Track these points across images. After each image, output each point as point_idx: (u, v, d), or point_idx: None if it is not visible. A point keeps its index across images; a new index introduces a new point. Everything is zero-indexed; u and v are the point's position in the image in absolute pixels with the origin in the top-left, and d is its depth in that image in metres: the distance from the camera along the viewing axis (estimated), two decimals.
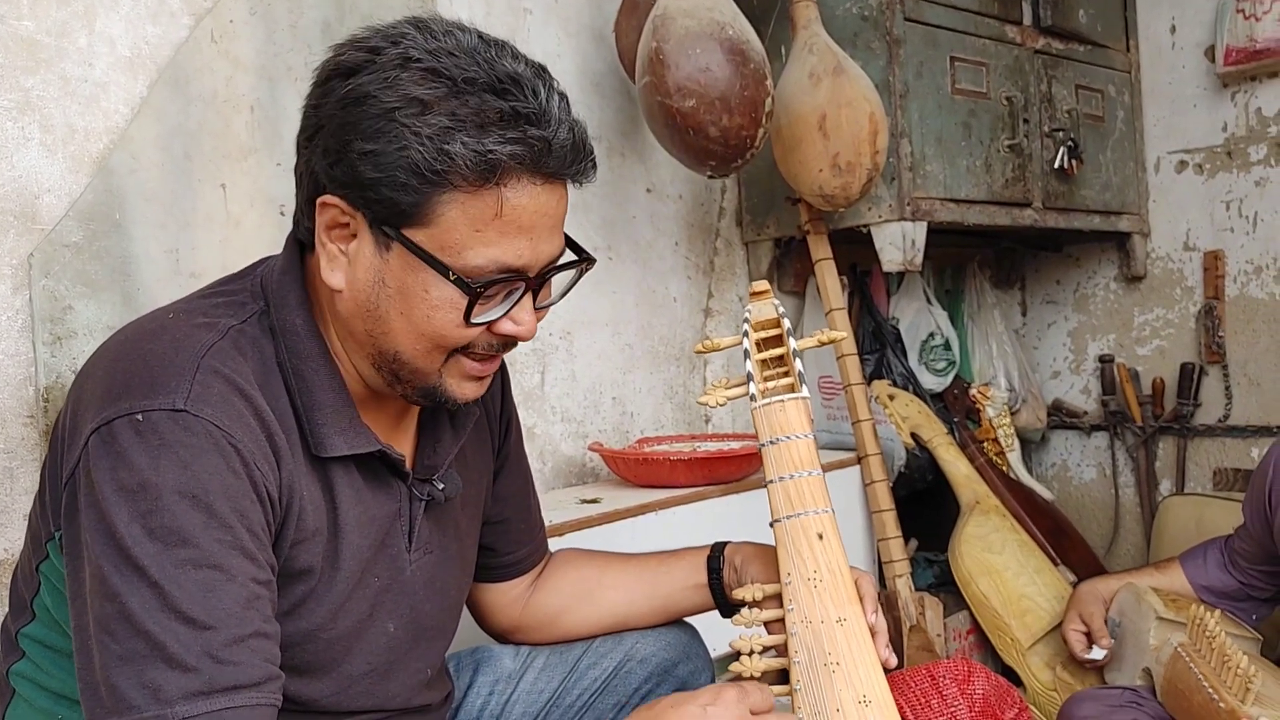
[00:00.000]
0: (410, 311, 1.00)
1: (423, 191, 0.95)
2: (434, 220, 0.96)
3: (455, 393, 1.07)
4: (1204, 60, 2.86)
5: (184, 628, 0.87)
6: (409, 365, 1.04)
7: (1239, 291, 2.84)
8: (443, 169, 0.94)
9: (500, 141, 0.94)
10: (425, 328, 1.01)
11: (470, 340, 1.03)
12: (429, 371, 1.04)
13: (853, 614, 1.11)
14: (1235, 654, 1.64)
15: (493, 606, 1.39)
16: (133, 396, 0.91)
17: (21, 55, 1.48)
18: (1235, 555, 2.03)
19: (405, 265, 0.99)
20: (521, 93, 0.96)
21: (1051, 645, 2.35)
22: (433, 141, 0.93)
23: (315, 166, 1.00)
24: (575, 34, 2.30)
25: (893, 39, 2.32)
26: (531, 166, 0.97)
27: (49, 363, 1.49)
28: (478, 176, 0.95)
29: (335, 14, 1.82)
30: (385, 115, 0.94)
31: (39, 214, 1.49)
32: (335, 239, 1.01)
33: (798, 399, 1.20)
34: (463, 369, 1.05)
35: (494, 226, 0.97)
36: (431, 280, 0.99)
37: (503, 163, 0.95)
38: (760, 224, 2.61)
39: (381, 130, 0.94)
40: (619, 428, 2.38)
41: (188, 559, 0.88)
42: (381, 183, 0.95)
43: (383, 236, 0.98)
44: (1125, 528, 3.12)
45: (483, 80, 0.95)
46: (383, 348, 1.03)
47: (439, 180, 0.94)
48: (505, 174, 0.96)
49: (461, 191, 0.95)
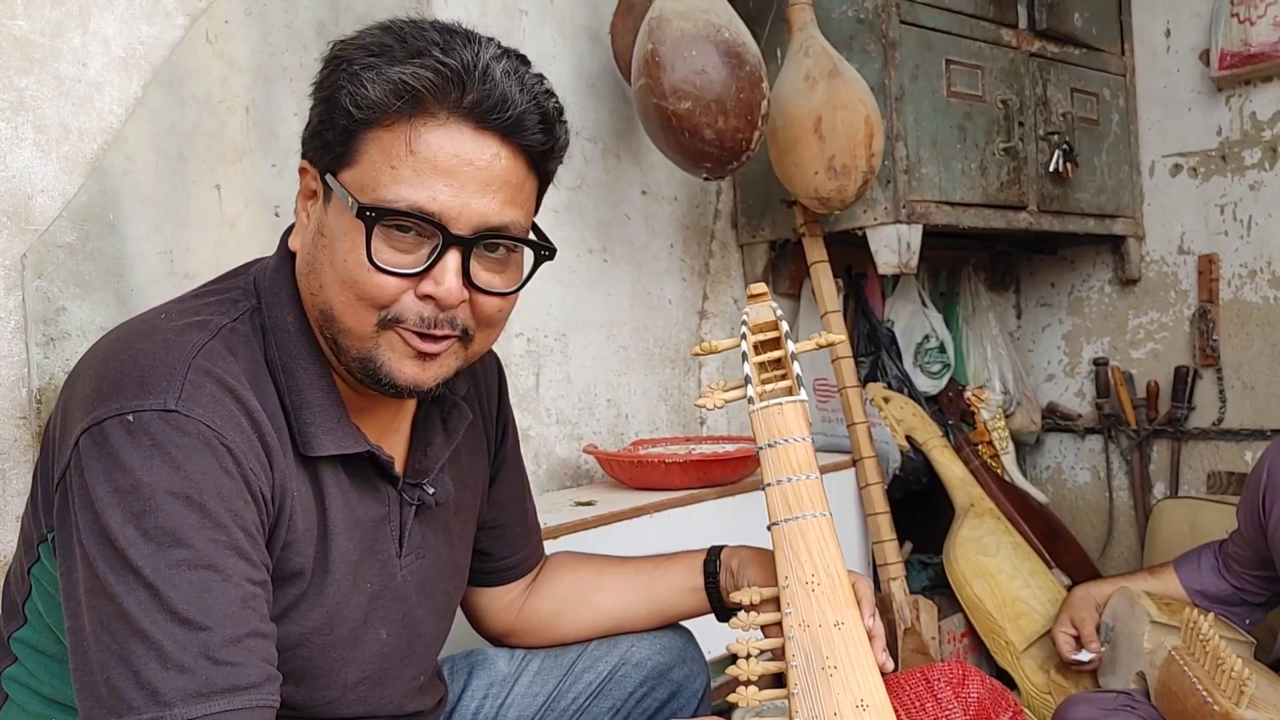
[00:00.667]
0: (334, 257, 0.99)
1: (350, 130, 0.97)
2: (359, 159, 0.97)
3: (396, 370, 1.01)
4: (1199, 64, 2.86)
5: (180, 629, 0.86)
6: (340, 324, 1.00)
7: (1233, 295, 2.85)
8: (363, 102, 0.95)
9: (413, 70, 0.95)
10: (343, 272, 0.98)
11: (389, 296, 0.98)
12: (361, 335, 1.00)
13: (850, 618, 1.10)
14: (1229, 657, 1.64)
15: (488, 610, 1.38)
16: (123, 397, 0.91)
17: (15, 55, 1.48)
18: (1229, 560, 2.03)
19: (337, 211, 0.99)
20: (455, 40, 0.97)
21: (1046, 648, 2.35)
22: (357, 79, 0.95)
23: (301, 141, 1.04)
24: (570, 35, 2.30)
25: (888, 42, 2.32)
26: (445, 101, 0.96)
27: (42, 364, 1.48)
28: (393, 108, 0.95)
29: (330, 15, 1.82)
30: (337, 65, 0.98)
31: (32, 214, 1.49)
32: (306, 207, 1.04)
33: (796, 402, 1.20)
34: (400, 341, 1.01)
35: (408, 164, 0.96)
36: (348, 220, 0.98)
37: (411, 89, 0.94)
38: (755, 226, 2.61)
39: (325, 81, 0.99)
40: (614, 430, 2.38)
41: (182, 559, 0.87)
42: (320, 127, 0.99)
43: (325, 187, 1.00)
44: (1119, 530, 3.12)
45: (429, 34, 0.97)
46: (321, 306, 1.02)
47: (361, 115, 0.96)
48: (420, 108, 0.96)
49: (381, 128, 0.96)
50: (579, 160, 2.29)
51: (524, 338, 2.19)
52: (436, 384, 1.05)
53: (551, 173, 1.10)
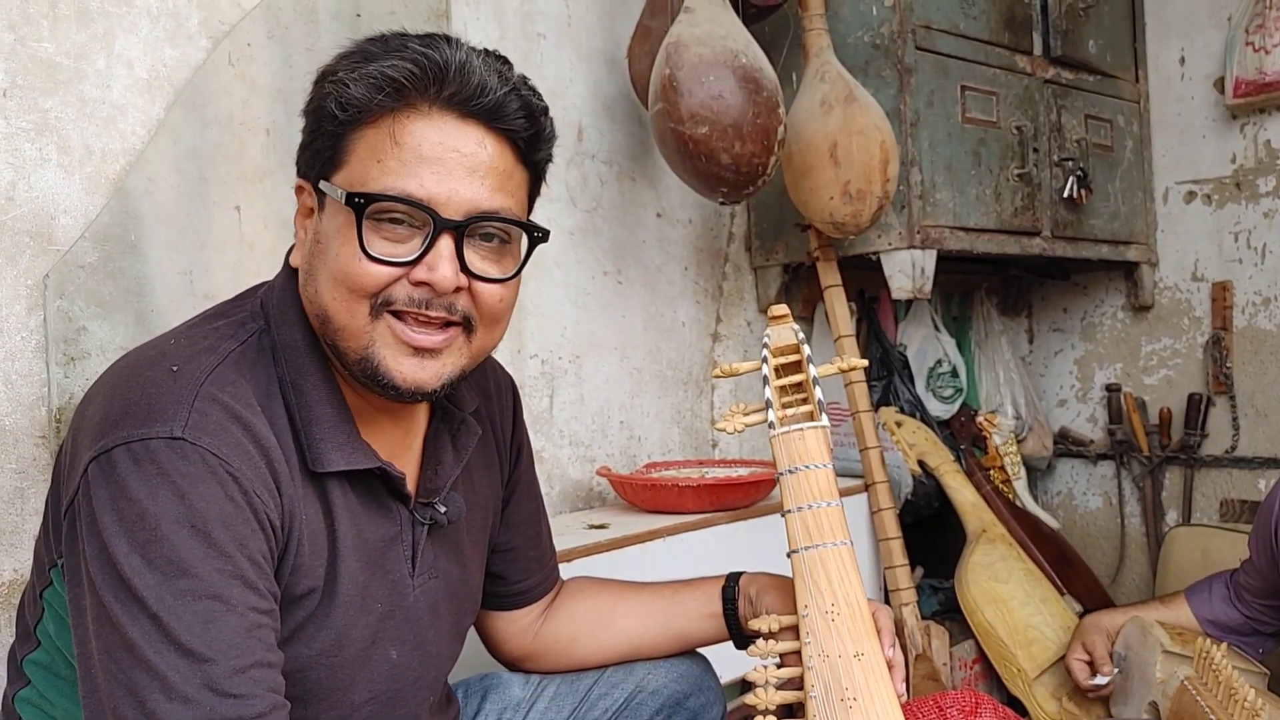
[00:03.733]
0: (327, 256, 1.00)
1: (337, 134, 0.99)
2: (348, 160, 0.99)
3: (394, 369, 1.00)
4: (1213, 91, 2.87)
5: (183, 660, 0.86)
6: (335, 323, 1.01)
7: (1247, 323, 2.84)
8: (348, 102, 0.97)
9: (392, 63, 0.97)
10: (335, 267, 0.99)
11: (382, 283, 0.99)
12: (356, 330, 1.00)
13: (870, 649, 1.10)
14: (1242, 687, 1.63)
15: (504, 635, 1.38)
16: (131, 425, 0.91)
17: (40, 76, 1.49)
18: (1241, 590, 2.03)
19: (330, 215, 1.01)
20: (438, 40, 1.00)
21: (1057, 676, 2.34)
22: (341, 82, 0.98)
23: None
24: (587, 59, 2.31)
25: (904, 68, 2.33)
26: (427, 92, 0.98)
27: (62, 383, 1.48)
28: (376, 103, 0.97)
29: (351, 38, 1.82)
30: (322, 77, 1.01)
31: (55, 235, 1.49)
32: (304, 225, 1.06)
33: (817, 428, 1.20)
34: (393, 332, 1.00)
35: (394, 155, 0.98)
36: (342, 218, 0.99)
37: (392, 80, 0.96)
38: (769, 249, 2.61)
39: (316, 94, 1.01)
40: (626, 452, 2.38)
41: (187, 590, 0.88)
42: (312, 137, 1.01)
43: (318, 196, 1.02)
44: (1131, 557, 3.11)
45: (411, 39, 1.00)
46: (317, 311, 1.03)
47: (345, 116, 0.98)
48: (402, 100, 0.98)
49: (366, 125, 0.98)
50: (594, 183, 2.30)
51: (538, 359, 2.19)
52: (441, 385, 1.04)
53: (541, 165, 1.10)
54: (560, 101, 2.22)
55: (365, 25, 1.84)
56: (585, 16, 2.31)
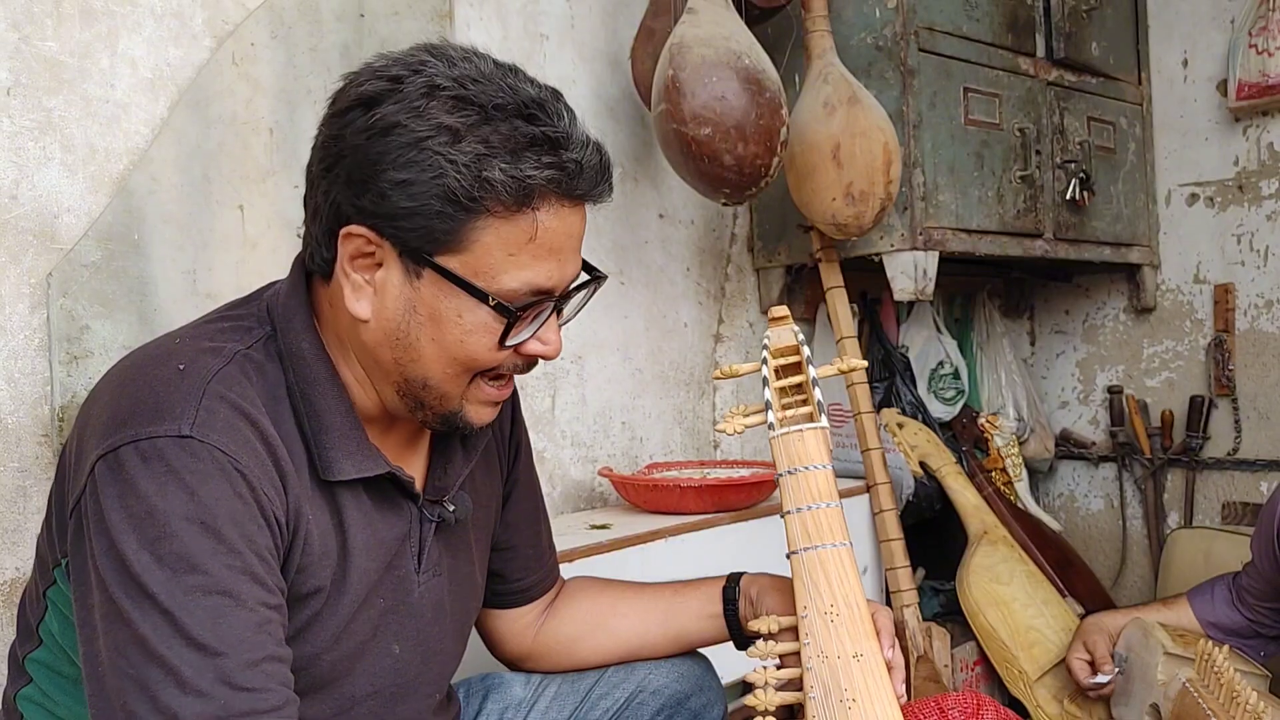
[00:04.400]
0: (443, 337, 1.01)
1: (459, 219, 0.96)
2: (469, 246, 0.97)
3: (473, 418, 1.08)
4: (1216, 94, 2.87)
5: (196, 654, 0.86)
6: (436, 390, 1.04)
7: (1249, 325, 2.84)
8: (480, 195, 0.95)
9: (536, 167, 0.96)
10: (458, 352, 1.02)
11: (499, 362, 1.04)
12: (454, 396, 1.05)
13: (869, 649, 1.11)
14: (1244, 689, 1.64)
15: (504, 634, 1.39)
16: (138, 423, 0.91)
17: (44, 75, 1.49)
18: (1243, 592, 2.03)
19: (438, 292, 0.99)
20: (548, 117, 0.98)
21: (1059, 678, 2.34)
22: (469, 169, 0.94)
23: (337, 198, 0.99)
24: (590, 59, 2.31)
25: (907, 69, 2.33)
26: (563, 190, 0.99)
27: (65, 382, 1.49)
28: (514, 202, 0.96)
29: (354, 38, 1.83)
30: (416, 144, 0.95)
31: (58, 233, 1.50)
32: (360, 269, 1.01)
33: (817, 429, 1.20)
34: (482, 394, 1.07)
35: (527, 250, 0.98)
36: (466, 305, 0.99)
37: (539, 187, 0.97)
38: (772, 250, 2.61)
39: (414, 160, 0.95)
40: (628, 452, 2.38)
41: (197, 586, 0.88)
42: (416, 211, 0.96)
43: (413, 264, 0.99)
44: (1132, 559, 3.11)
45: (510, 106, 0.96)
46: (410, 375, 1.04)
47: (475, 207, 0.95)
48: (539, 198, 0.97)
49: (497, 217, 0.96)
50: None
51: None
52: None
53: None
54: None
55: (369, 25, 1.85)
56: (588, 17, 2.31)
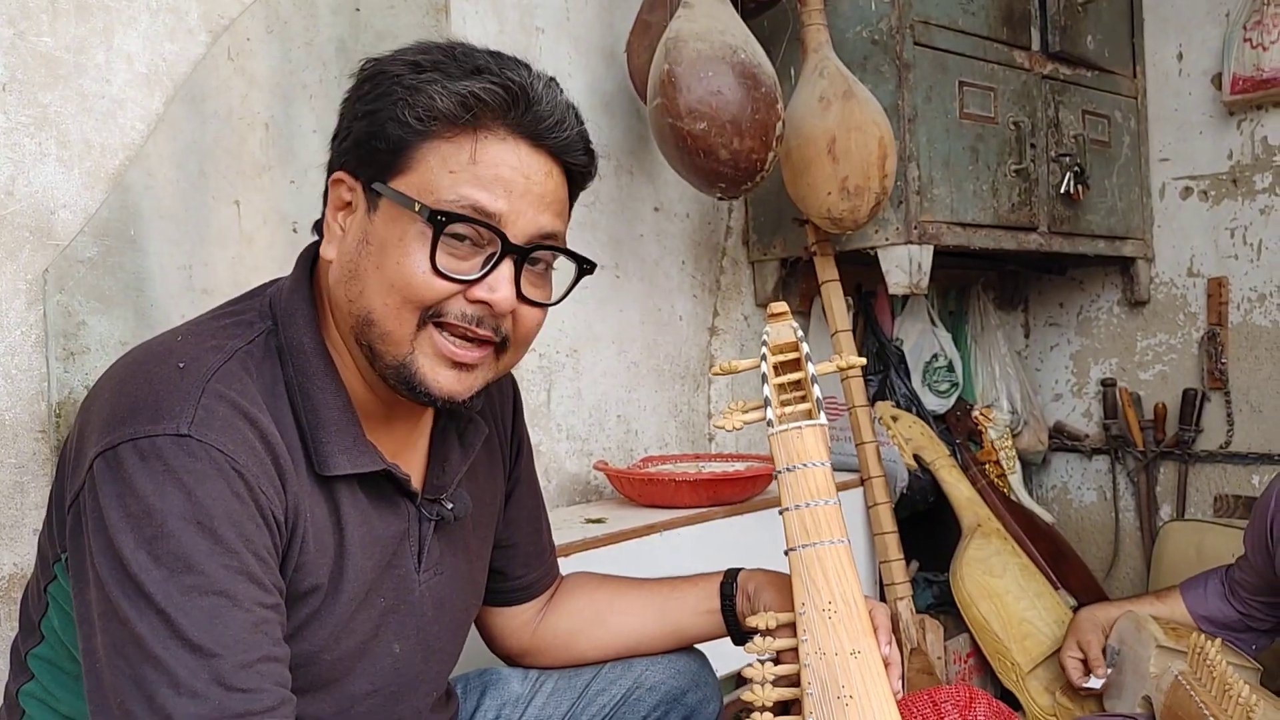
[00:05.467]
0: (384, 262, 1.01)
1: (407, 139, 1.00)
2: (414, 166, 1.00)
3: (432, 379, 1.03)
4: (1211, 88, 2.87)
5: (190, 655, 0.87)
6: (380, 328, 1.02)
7: (1242, 319, 2.85)
8: (426, 115, 0.98)
9: (478, 84, 0.99)
10: (395, 275, 1.00)
11: (441, 297, 1.00)
12: (400, 338, 1.01)
13: (867, 646, 1.11)
14: (1236, 683, 1.64)
15: (503, 630, 1.39)
16: (137, 421, 0.91)
17: (40, 71, 1.49)
18: (1235, 585, 2.04)
19: (387, 218, 1.01)
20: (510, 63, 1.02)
21: (1051, 670, 2.35)
22: (419, 92, 0.98)
23: (332, 156, 1.06)
24: (586, 53, 2.31)
25: (902, 63, 2.33)
26: (508, 117, 1.00)
27: (61, 378, 1.49)
28: (455, 118, 0.99)
29: (350, 32, 1.83)
30: (383, 79, 1.01)
31: (54, 229, 1.50)
32: (340, 218, 1.05)
33: (815, 426, 1.20)
34: (436, 345, 1.02)
35: (469, 170, 1.00)
36: (407, 224, 1.00)
37: (477, 99, 0.98)
38: (767, 244, 2.62)
39: (380, 93, 1.01)
40: (623, 445, 2.39)
41: (193, 586, 0.88)
42: (373, 137, 1.00)
43: (372, 196, 1.02)
44: (1125, 552, 3.13)
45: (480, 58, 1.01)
46: (358, 312, 1.03)
47: (421, 127, 0.99)
48: (482, 119, 0.99)
49: (441, 139, 0.99)
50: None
51: (535, 353, 2.19)
52: (471, 396, 1.06)
53: (576, 197, 1.14)
54: None
55: (364, 19, 1.84)
56: (584, 10, 2.31)
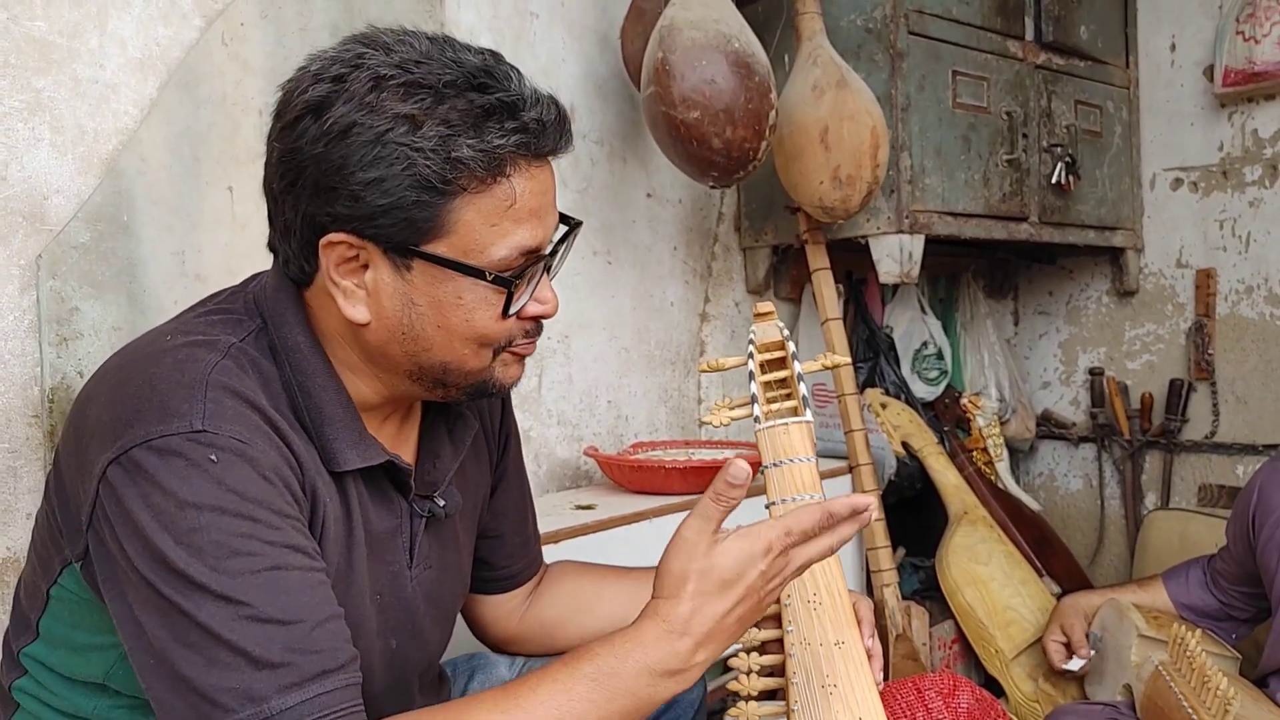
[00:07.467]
0: (448, 322, 1.02)
1: (437, 203, 0.96)
2: (452, 228, 0.98)
3: (503, 379, 1.09)
4: (1202, 80, 2.88)
5: (261, 629, 0.87)
6: (458, 370, 1.06)
7: (1230, 310, 2.87)
8: (453, 176, 0.95)
9: (502, 135, 0.96)
10: (467, 332, 1.02)
11: (510, 333, 1.05)
12: (482, 368, 1.06)
13: (851, 637, 1.13)
14: (1215, 675, 1.67)
15: (489, 618, 1.40)
16: (146, 423, 0.90)
17: (33, 56, 1.49)
18: (1217, 575, 2.06)
19: (432, 279, 1.00)
20: (499, 82, 0.99)
21: (1034, 657, 2.38)
22: (438, 153, 0.94)
23: (308, 210, 0.98)
24: (580, 38, 2.31)
25: (896, 52, 2.33)
26: (531, 151, 0.99)
27: (55, 363, 1.49)
28: (487, 174, 0.97)
29: (344, 17, 1.83)
30: (378, 140, 0.94)
31: (48, 215, 1.50)
32: (347, 274, 1.01)
33: (801, 423, 1.21)
34: (509, 358, 1.09)
35: (509, 217, 0.99)
36: (463, 286, 1.00)
37: (509, 154, 0.97)
38: (758, 231, 2.63)
39: (380, 156, 0.94)
40: (613, 431, 2.40)
41: (245, 568, 0.88)
42: (393, 206, 0.96)
43: (400, 258, 0.99)
44: (1110, 539, 3.15)
45: (460, 80, 0.97)
46: (425, 363, 1.04)
47: (451, 188, 0.96)
48: (510, 165, 0.98)
49: (473, 193, 0.97)
50: (585, 163, 2.31)
51: None
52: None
53: None
54: (552, 81, 2.22)
55: (358, 4, 1.84)
56: None
